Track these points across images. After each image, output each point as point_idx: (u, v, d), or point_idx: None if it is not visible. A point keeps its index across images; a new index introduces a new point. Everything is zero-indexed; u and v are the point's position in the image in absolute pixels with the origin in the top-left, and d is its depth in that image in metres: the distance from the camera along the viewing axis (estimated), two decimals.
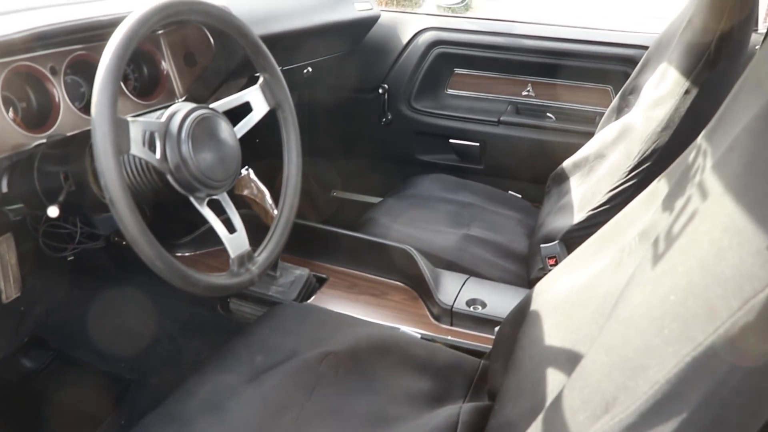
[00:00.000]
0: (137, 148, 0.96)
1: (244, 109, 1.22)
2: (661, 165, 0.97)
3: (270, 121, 1.27)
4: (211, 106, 1.12)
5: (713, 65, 1.33)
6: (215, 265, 1.75)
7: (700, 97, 1.35)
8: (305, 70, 2.08)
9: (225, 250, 1.12)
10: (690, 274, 0.60)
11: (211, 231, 1.11)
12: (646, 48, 1.76)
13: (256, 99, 1.23)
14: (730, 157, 0.64)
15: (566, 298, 1.02)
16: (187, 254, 1.81)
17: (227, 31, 1.18)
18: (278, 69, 1.26)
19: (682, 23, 1.47)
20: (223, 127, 1.12)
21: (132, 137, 0.95)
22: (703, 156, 0.78)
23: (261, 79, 1.24)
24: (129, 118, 0.95)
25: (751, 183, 0.59)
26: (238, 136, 1.17)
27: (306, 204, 2.48)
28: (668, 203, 0.84)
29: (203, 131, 1.06)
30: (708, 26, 1.35)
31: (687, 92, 1.36)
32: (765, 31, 1.48)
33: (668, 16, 1.68)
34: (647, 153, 1.42)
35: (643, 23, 2.28)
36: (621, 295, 0.77)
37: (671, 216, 0.75)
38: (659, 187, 0.96)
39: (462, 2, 2.42)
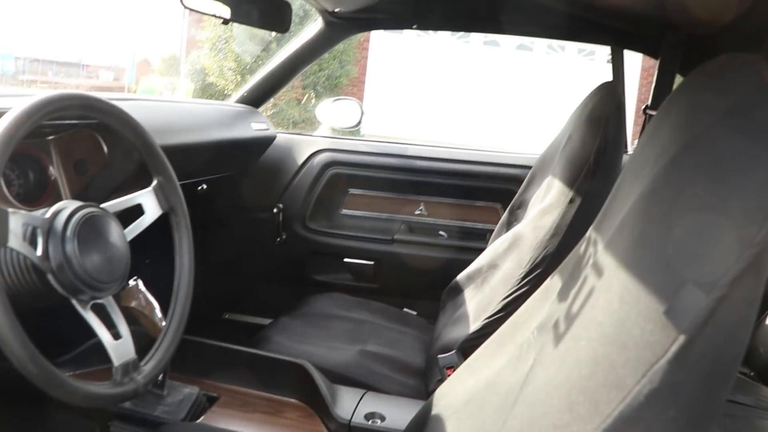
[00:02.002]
0: (16, 242, 0.90)
1: (136, 211, 1.18)
2: (552, 271, 1.01)
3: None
4: (101, 206, 1.08)
5: (593, 176, 1.42)
6: None
7: (583, 205, 1.43)
8: (200, 187, 2.06)
9: (110, 369, 1.05)
10: (593, 347, 0.60)
11: (95, 348, 1.04)
12: (529, 167, 1.86)
13: (149, 202, 1.19)
14: (620, 235, 0.67)
15: (468, 399, 1.00)
16: (67, 374, 1.68)
17: (117, 127, 1.15)
18: (172, 172, 1.24)
19: (563, 140, 1.58)
20: (112, 227, 1.07)
21: (11, 229, 0.89)
22: (594, 244, 0.81)
23: (155, 182, 1.21)
24: (10, 210, 0.90)
25: (643, 254, 0.61)
26: (128, 238, 1.13)
27: (196, 326, 2.39)
28: (564, 293, 0.85)
29: (90, 231, 1.02)
30: (586, 141, 1.45)
31: (571, 201, 1.44)
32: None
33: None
34: (538, 260, 1.47)
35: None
36: (524, 381, 0.77)
37: (568, 300, 0.76)
38: (553, 282, 0.98)
39: (357, 126, 2.49)
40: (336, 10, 2.01)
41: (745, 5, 1.16)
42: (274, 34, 8.22)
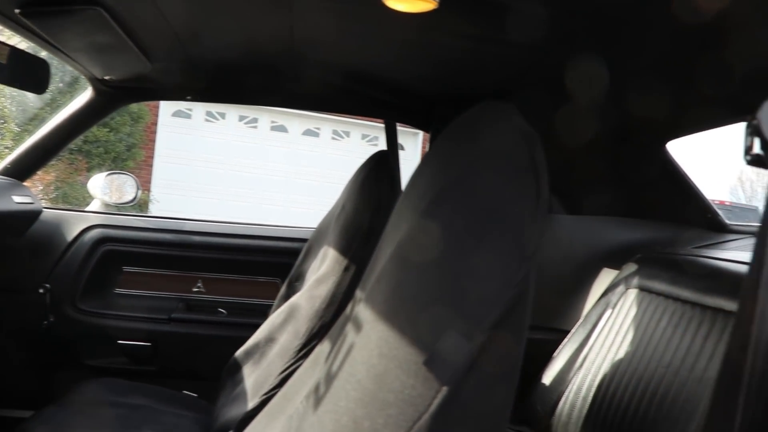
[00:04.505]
0: None
1: None
2: None
3: None
4: None
5: (367, 243, 1.46)
6: None
7: (359, 273, 1.45)
8: None
9: None
10: (352, 408, 0.58)
11: None
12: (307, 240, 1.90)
13: None
14: (378, 286, 0.67)
15: None
16: None
17: None
18: None
19: (337, 210, 1.62)
20: None
21: None
22: (358, 302, 0.81)
23: None
24: None
25: (400, 305, 0.61)
26: None
27: None
28: (328, 356, 0.85)
29: None
30: (359, 210, 1.50)
31: (346, 269, 1.47)
32: None
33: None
34: (314, 330, 1.47)
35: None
36: None
37: (329, 361, 0.76)
38: (322, 348, 0.99)
39: (132, 201, 2.40)
40: (106, 78, 1.95)
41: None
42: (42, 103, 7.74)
